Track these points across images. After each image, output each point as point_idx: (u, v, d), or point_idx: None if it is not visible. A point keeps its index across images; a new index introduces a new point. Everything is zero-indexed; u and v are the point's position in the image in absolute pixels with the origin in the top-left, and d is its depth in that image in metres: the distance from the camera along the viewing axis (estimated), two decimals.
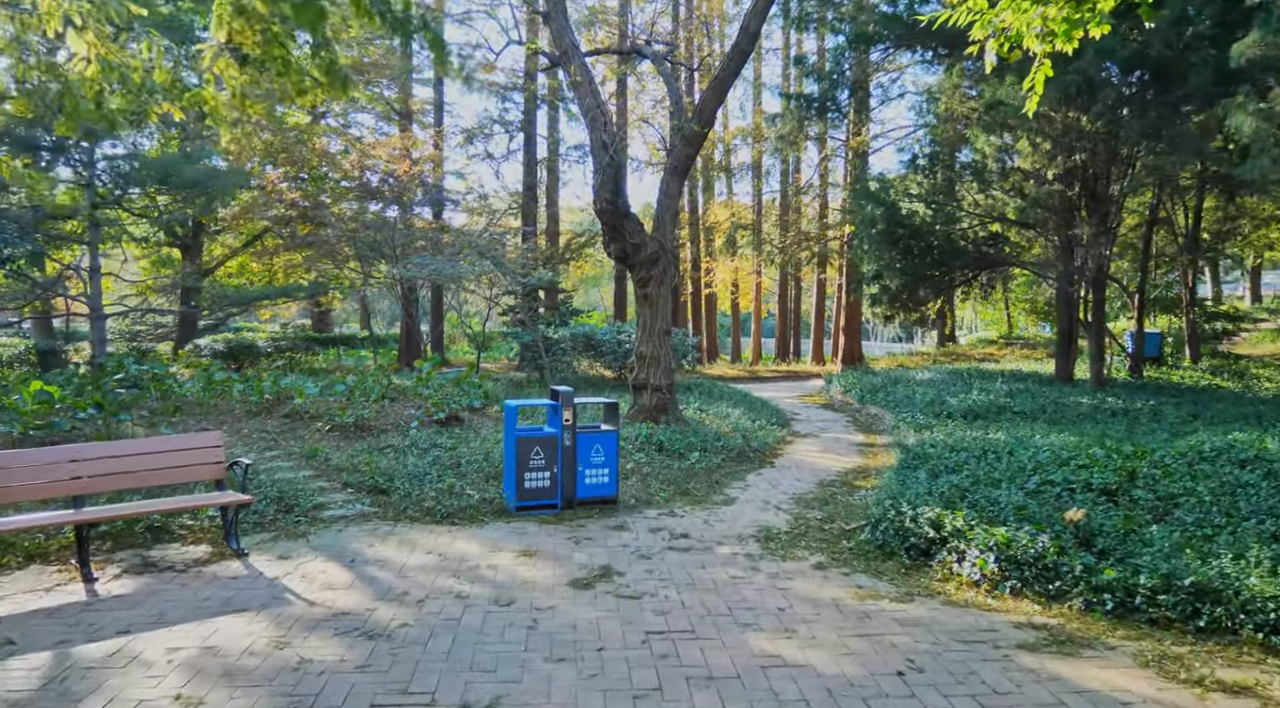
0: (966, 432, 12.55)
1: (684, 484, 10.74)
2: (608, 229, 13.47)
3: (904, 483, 9.37)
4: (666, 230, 13.93)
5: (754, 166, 26.98)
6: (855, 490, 10.74)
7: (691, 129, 13.48)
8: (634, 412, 13.84)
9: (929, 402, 15.73)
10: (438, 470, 10.40)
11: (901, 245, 18.31)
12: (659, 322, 13.76)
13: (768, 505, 9.83)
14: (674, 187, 13.98)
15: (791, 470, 12.05)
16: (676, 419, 13.73)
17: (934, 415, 14.43)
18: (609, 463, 9.58)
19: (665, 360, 13.77)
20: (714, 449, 12.53)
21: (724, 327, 58.64)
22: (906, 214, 18.86)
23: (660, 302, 13.76)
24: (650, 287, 13.70)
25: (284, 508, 8.83)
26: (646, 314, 13.79)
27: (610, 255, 13.94)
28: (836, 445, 14.32)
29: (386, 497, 9.53)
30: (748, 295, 42.32)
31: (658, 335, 13.73)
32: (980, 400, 15.35)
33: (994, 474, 9.01)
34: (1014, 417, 14.14)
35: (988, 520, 7.45)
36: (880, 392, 18.81)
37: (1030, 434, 11.82)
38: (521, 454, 9.18)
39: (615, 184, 13.08)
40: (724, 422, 14.70)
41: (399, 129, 27.96)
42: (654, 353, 13.72)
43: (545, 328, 19.66)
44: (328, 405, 13.19)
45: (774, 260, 27.09)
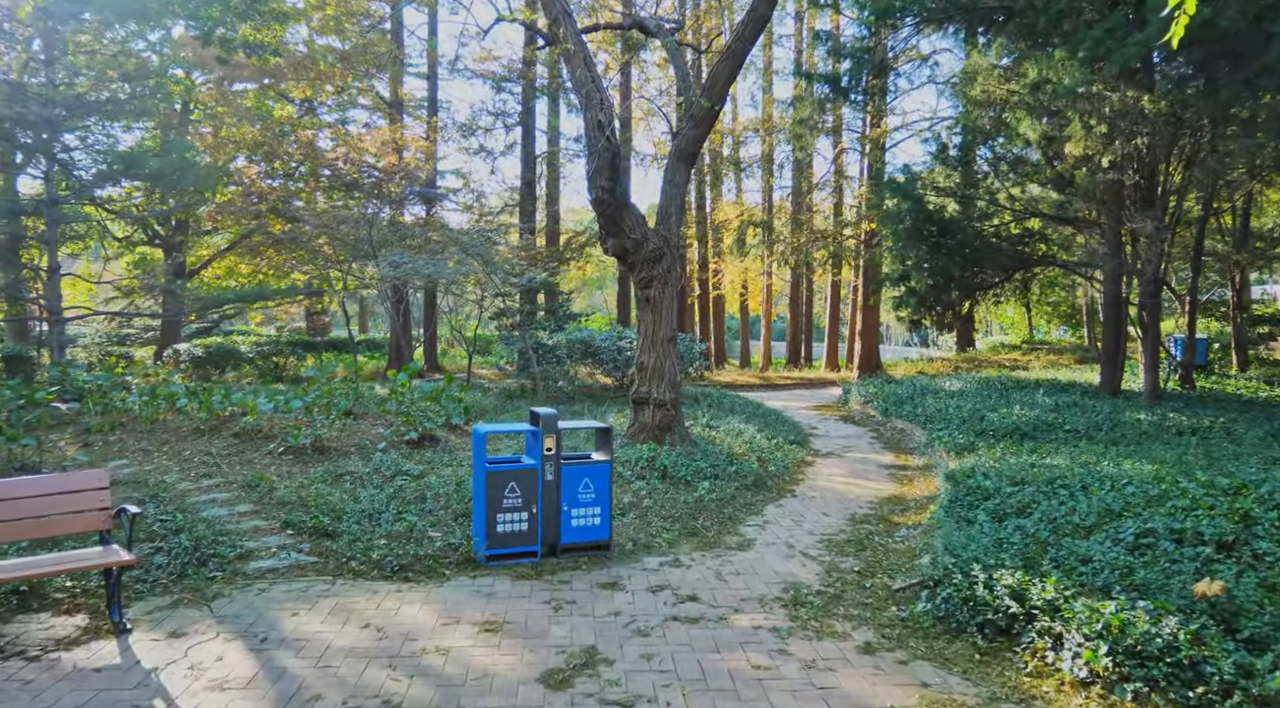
0: (1018, 456, 10.84)
1: (691, 521, 9.06)
2: (605, 222, 11.81)
3: (961, 528, 7.69)
4: (672, 224, 12.27)
5: (765, 160, 25.26)
6: (894, 528, 9.05)
7: (700, 106, 11.82)
8: (633, 430, 12.18)
9: (966, 417, 14.02)
10: (398, 506, 8.74)
11: (930, 243, 16.61)
12: (663, 328, 12.09)
13: (792, 551, 8.15)
14: (680, 173, 12.32)
15: (815, 501, 10.36)
16: (682, 439, 12.06)
17: (974, 434, 12.72)
18: (600, 501, 7.91)
19: (670, 372, 12.10)
20: (726, 476, 10.85)
21: (731, 330, 56.93)
22: (934, 209, 17.16)
23: (664, 305, 12.10)
24: (653, 288, 12.04)
25: (198, 560, 7.17)
26: (648, 319, 12.13)
27: (608, 252, 12.29)
28: (864, 468, 12.63)
29: (331, 541, 7.86)
30: (757, 298, 40.61)
31: (661, 343, 12.07)
32: (1025, 416, 13.63)
33: (1073, 518, 7.31)
34: (1067, 436, 12.43)
35: (1084, 588, 5.76)
36: (906, 404, 17.10)
37: (1094, 460, 10.12)
38: (493, 492, 7.52)
39: (612, 170, 11.43)
40: (736, 440, 13.02)
41: (389, 122, 26.35)
42: (657, 363, 12.06)
43: (540, 333, 18.00)
44: (284, 423, 11.54)
45: (787, 260, 25.42)
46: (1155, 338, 14.99)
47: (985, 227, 17.82)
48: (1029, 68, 14.00)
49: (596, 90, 11.49)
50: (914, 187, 16.46)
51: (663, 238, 12.08)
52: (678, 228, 12.41)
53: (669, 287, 12.15)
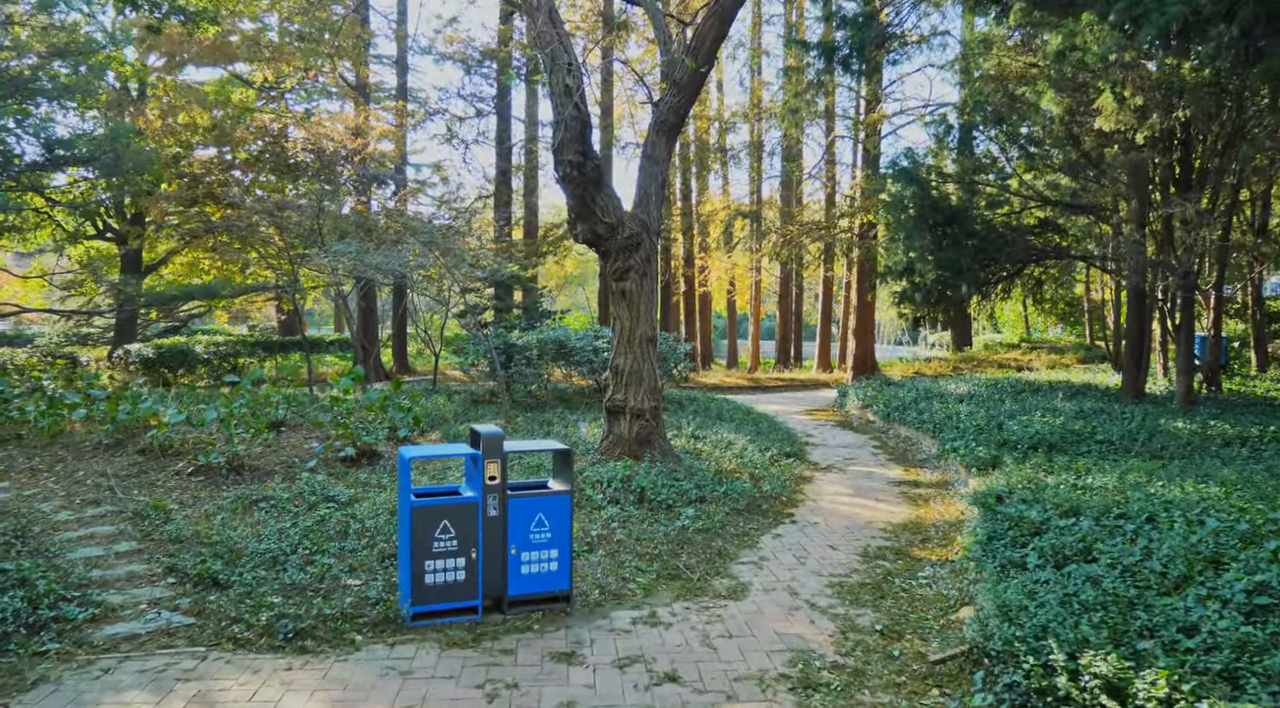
0: (1054, 474, 9.33)
1: (672, 559, 7.49)
2: (574, 203, 10.23)
3: (1008, 574, 6.15)
4: (651, 207, 10.70)
5: (753, 147, 23.70)
6: (917, 565, 7.52)
7: (685, 68, 10.25)
8: (607, 444, 10.60)
9: (982, 426, 12.51)
10: (313, 542, 7.14)
11: (936, 233, 15.09)
12: (641, 326, 10.52)
13: (796, 600, 6.60)
14: (661, 148, 10.75)
15: (819, 528, 8.82)
16: (664, 454, 10.49)
17: (996, 446, 11.20)
18: (558, 541, 6.33)
19: (649, 377, 10.53)
20: (714, 498, 9.29)
21: (718, 329, 55.39)
22: (940, 196, 15.65)
23: (643, 300, 10.53)
24: (630, 280, 10.47)
25: (31, 625, 5.55)
26: (625, 316, 10.56)
27: (577, 239, 10.70)
28: (870, 485, 11.10)
29: (219, 594, 6.25)
30: (745, 295, 39.10)
31: (639, 344, 10.49)
32: (1049, 425, 12.14)
33: (1152, 563, 5.78)
34: (1100, 449, 10.93)
35: (1203, 675, 4.23)
36: (910, 409, 15.59)
37: (1145, 479, 8.62)
38: (420, 532, 5.93)
39: (582, 142, 9.84)
40: (725, 453, 11.46)
41: (355, 109, 24.64)
42: (634, 367, 10.48)
43: (509, 332, 16.40)
44: (198, 438, 9.89)
45: (778, 254, 23.90)
46: (1189, 337, 13.54)
47: (995, 215, 16.33)
48: (1052, 36, 12.52)
49: (564, 50, 9.89)
50: (919, 171, 14.93)
51: (641, 223, 10.52)
52: (658, 212, 10.85)
53: (648, 279, 10.58)
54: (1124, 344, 23.30)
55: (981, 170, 15.93)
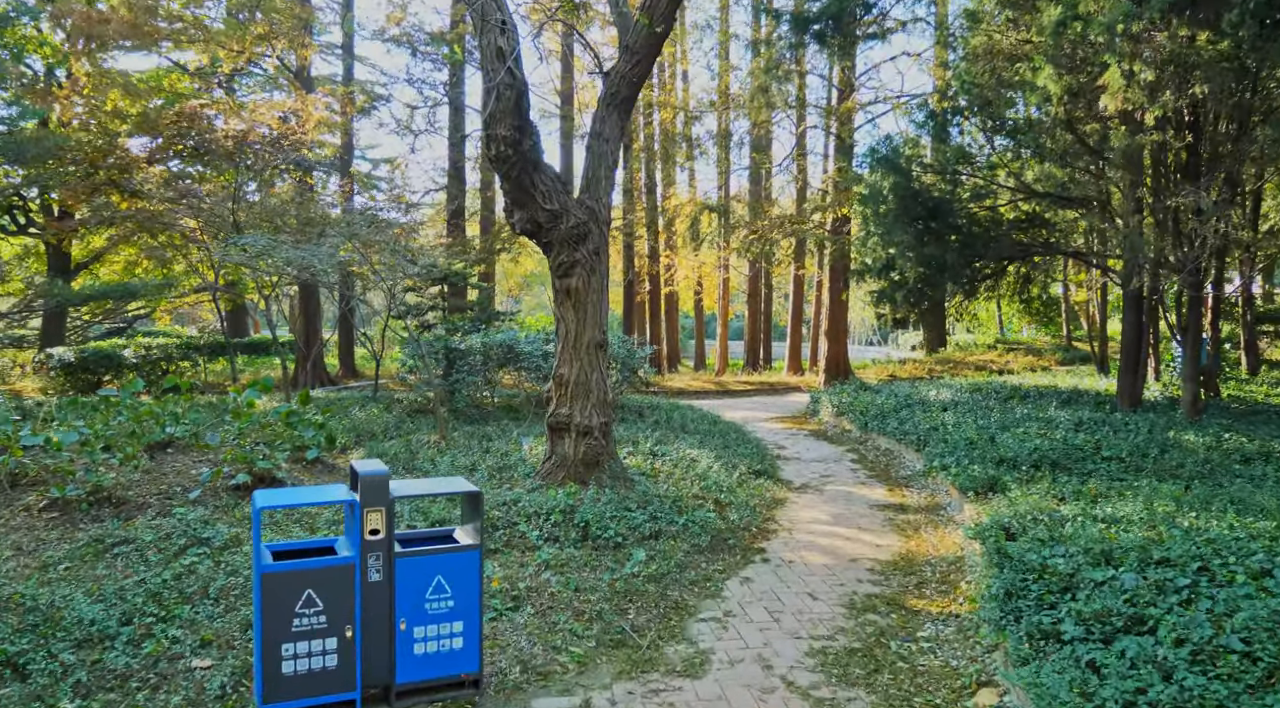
0: (1067, 502, 8.05)
1: (618, 617, 6.09)
2: (510, 186, 8.79)
3: (1041, 649, 4.83)
4: (601, 192, 9.29)
5: (721, 136, 22.38)
6: (915, 621, 6.18)
7: (638, 29, 8.85)
8: (549, 467, 9.16)
9: (974, 440, 11.23)
10: (163, 605, 5.66)
11: (918, 227, 13.82)
12: (589, 329, 9.10)
13: (769, 677, 5.23)
14: (612, 124, 9.33)
15: (796, 569, 7.46)
16: (615, 478, 9.07)
17: (992, 464, 9.91)
18: (464, 610, 4.91)
19: (598, 388, 9.12)
20: (672, 532, 7.90)
21: (686, 329, 54.04)
22: (922, 188, 14.39)
23: (591, 299, 9.11)
24: (575, 276, 9.04)
25: None
26: (570, 318, 9.13)
27: (514, 229, 9.26)
28: (851, 510, 9.76)
29: (23, 683, 4.76)
30: (713, 294, 37.80)
31: (586, 350, 9.07)
32: (1048, 439, 10.89)
33: (1230, 641, 4.47)
34: (1110, 467, 9.68)
35: None
36: (890, 418, 14.31)
37: (1174, 508, 7.36)
38: (276, 605, 4.49)
39: (519, 115, 8.40)
40: (687, 473, 10.08)
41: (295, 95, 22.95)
42: (580, 376, 9.06)
43: (453, 334, 14.89)
44: (59, 465, 8.31)
45: (748, 250, 22.57)
46: (1196, 340, 12.38)
47: (978, 208, 15.11)
48: (1047, 7, 11.30)
49: (495, 7, 8.45)
50: (899, 159, 13.64)
51: (588, 211, 9.10)
52: (608, 198, 9.44)
53: (597, 275, 9.16)
54: (1104, 347, 22.28)
55: (966, 159, 14.68)
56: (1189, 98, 9.99)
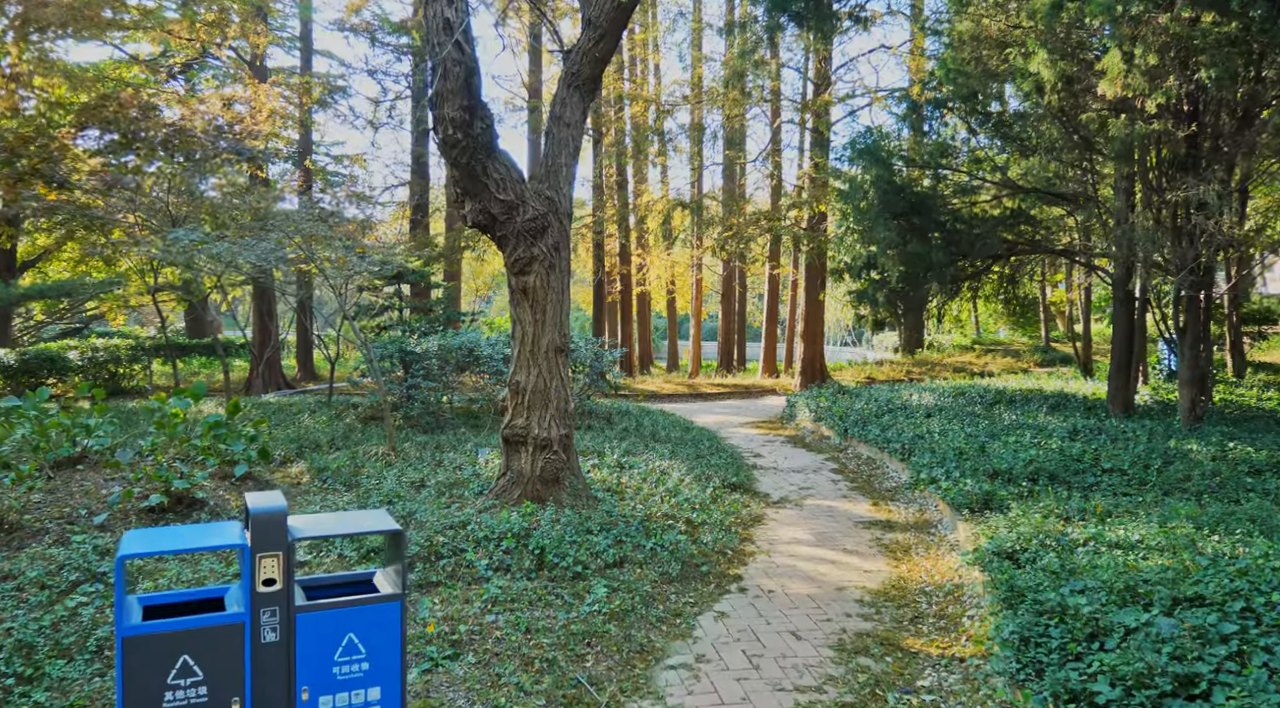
0: (1072, 520, 7.34)
1: (573, 666, 5.27)
2: (460, 175, 7.94)
3: None
4: (561, 181, 8.46)
5: (694, 129, 21.56)
6: (913, 663, 5.43)
7: (604, 2, 8.03)
8: (504, 484, 8.32)
9: (962, 449, 10.52)
10: (27, 664, 4.77)
11: (901, 224, 13.11)
12: (548, 332, 8.27)
13: None
14: (574, 107, 8.50)
15: (777, 602, 6.67)
16: (576, 495, 8.25)
17: (984, 477, 9.20)
18: (382, 674, 4.07)
19: (558, 397, 8.29)
20: (638, 558, 7.10)
21: (659, 330, 53.28)
22: (905, 182, 13.69)
23: (551, 299, 8.28)
24: (533, 274, 8.20)
25: None
26: (527, 319, 8.29)
27: (466, 221, 8.41)
28: (834, 527, 9.00)
29: None
30: (686, 295, 37.10)
31: (545, 355, 8.24)
32: (1043, 449, 10.21)
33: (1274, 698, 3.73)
34: (1112, 480, 9.00)
35: None
36: (871, 424, 13.60)
37: (1192, 530, 6.66)
38: (142, 675, 3.62)
39: (469, 95, 7.56)
40: (656, 488, 9.28)
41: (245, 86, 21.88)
42: (539, 384, 8.23)
43: (409, 336, 13.99)
44: None
45: (721, 247, 21.79)
46: (1195, 342, 11.76)
47: (961, 204, 14.45)
48: None
49: None
50: (881, 151, 12.91)
51: (548, 202, 8.27)
52: (570, 188, 8.61)
53: (557, 273, 8.33)
54: (1087, 349, 21.75)
55: (948, 153, 14.00)
56: (1193, 83, 9.32)
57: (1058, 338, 33.32)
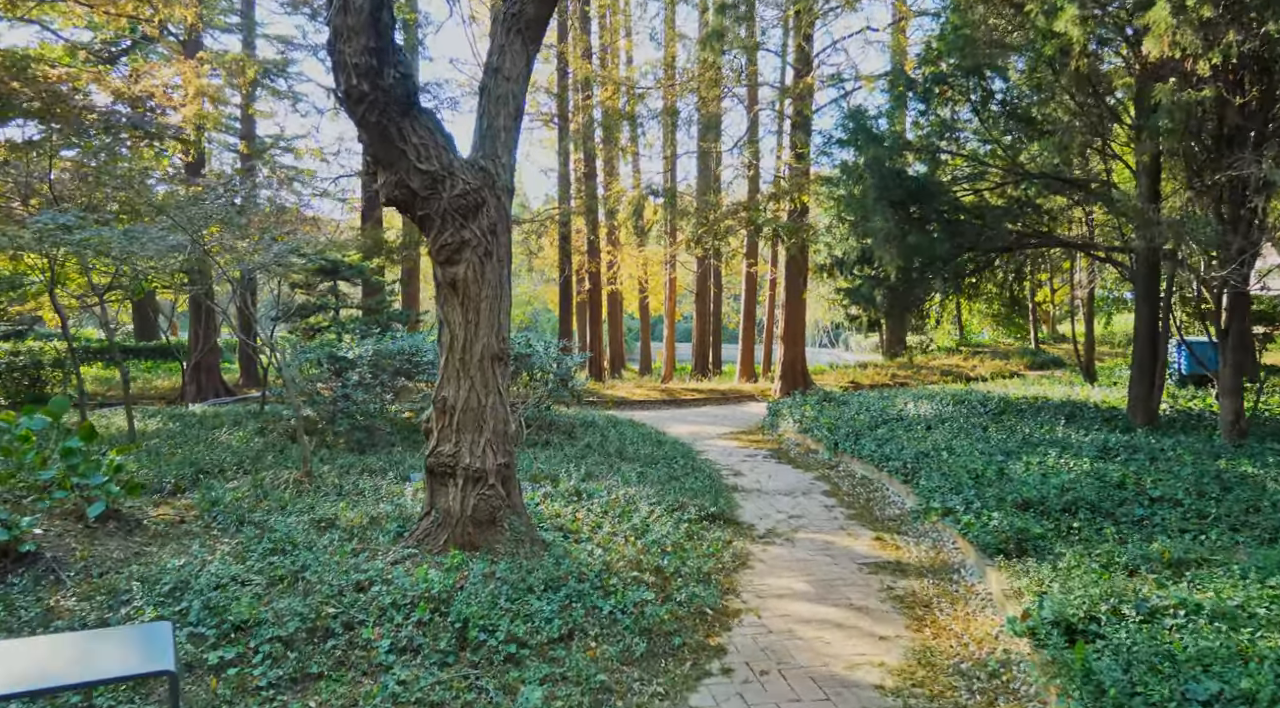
0: (1139, 575, 5.83)
1: None
2: (369, 135, 6.31)
3: None
4: (499, 148, 6.84)
5: (667, 113, 19.94)
6: None
7: None
8: (428, 526, 6.69)
9: (978, 471, 9.02)
10: None
11: (900, 213, 11.61)
12: (483, 336, 6.64)
13: None
14: (515, 56, 6.89)
15: (771, 689, 5.09)
16: (518, 539, 6.62)
17: (1010, 506, 7.69)
18: None
19: (495, 417, 6.67)
20: (592, 629, 5.50)
21: (632, 331, 51.63)
22: (902, 167, 12.21)
23: (486, 295, 6.66)
24: (463, 265, 6.58)
25: None
26: (456, 321, 6.66)
27: (380, 197, 6.78)
28: (835, 572, 7.44)
29: None
30: (659, 295, 35.50)
31: (480, 365, 6.62)
32: (1074, 471, 8.73)
33: None
34: (1166, 513, 7.51)
35: None
36: (865, 438, 12.09)
37: None
38: None
39: (376, 33, 5.94)
40: (620, 525, 7.68)
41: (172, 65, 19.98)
42: (472, 401, 6.60)
43: (344, 338, 12.29)
44: None
45: (697, 240, 20.18)
46: (1241, 344, 10.36)
47: (961, 192, 13.00)
48: None
49: None
50: (878, 131, 11.39)
51: (482, 174, 6.65)
52: (510, 157, 6.99)
53: (493, 262, 6.71)
54: (1090, 351, 20.44)
55: (950, 133, 12.53)
56: (1259, 38, 7.86)
57: (1046, 339, 32.13)
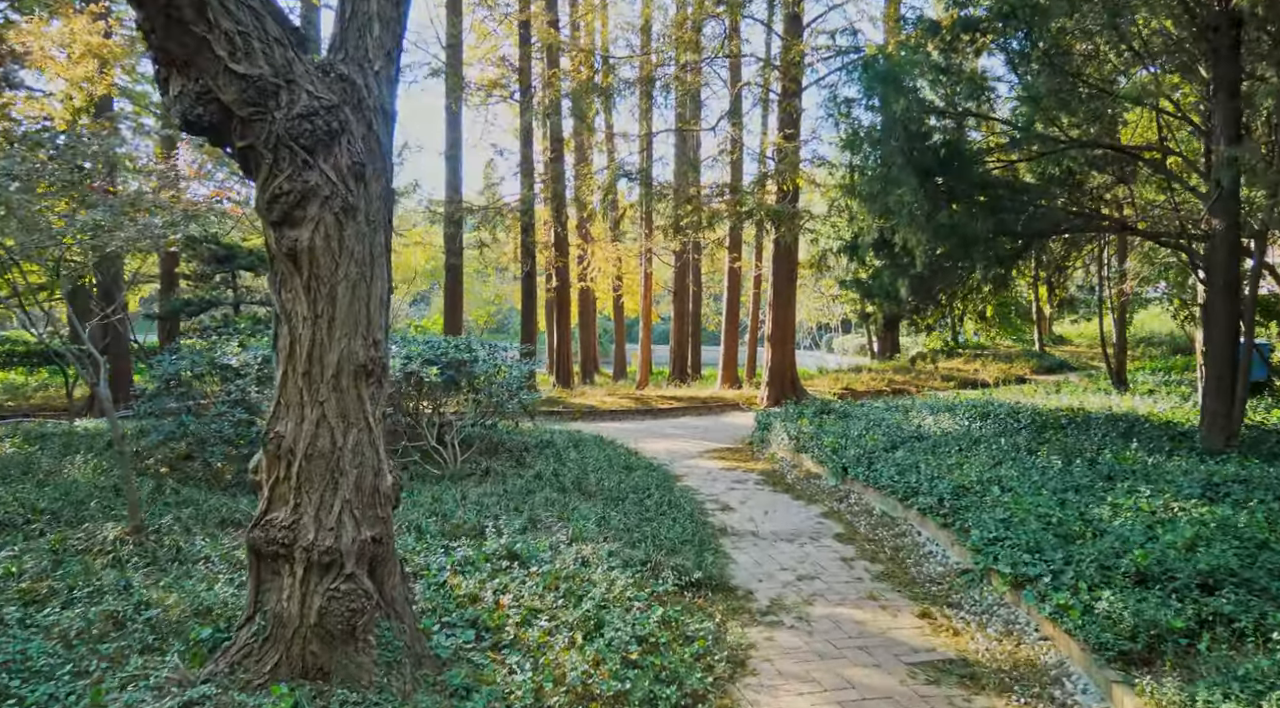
0: None
1: None
2: (151, 12, 3.90)
3: None
4: (370, 50, 4.46)
5: (643, 82, 17.52)
6: None
7: None
8: (246, 644, 4.25)
9: (1054, 518, 6.72)
10: None
11: (928, 187, 9.30)
12: (344, 338, 4.24)
13: None
14: None
15: None
16: (393, 663, 4.20)
17: (1124, 582, 5.41)
18: None
19: (360, 464, 4.26)
20: None
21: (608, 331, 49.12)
22: (927, 131, 9.92)
23: (346, 275, 4.25)
24: (307, 226, 4.17)
25: None
26: (300, 314, 4.25)
27: (174, 116, 4.39)
28: (877, 686, 5.08)
29: None
30: (635, 294, 33.11)
31: (335, 384, 4.21)
32: (1196, 523, 6.43)
33: None
34: None
35: None
36: (881, 463, 9.79)
37: None
38: None
39: None
40: (569, 611, 5.31)
41: None
42: (323, 439, 4.18)
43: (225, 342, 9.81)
44: None
45: (675, 228, 17.78)
46: None
47: (993, 163, 10.74)
48: None
49: None
50: (904, 77, 9.06)
51: (343, 86, 4.27)
52: (391, 66, 4.60)
53: (357, 224, 4.30)
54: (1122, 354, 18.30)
55: (982, 93, 10.26)
56: None
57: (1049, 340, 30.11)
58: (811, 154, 17.31)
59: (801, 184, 17.41)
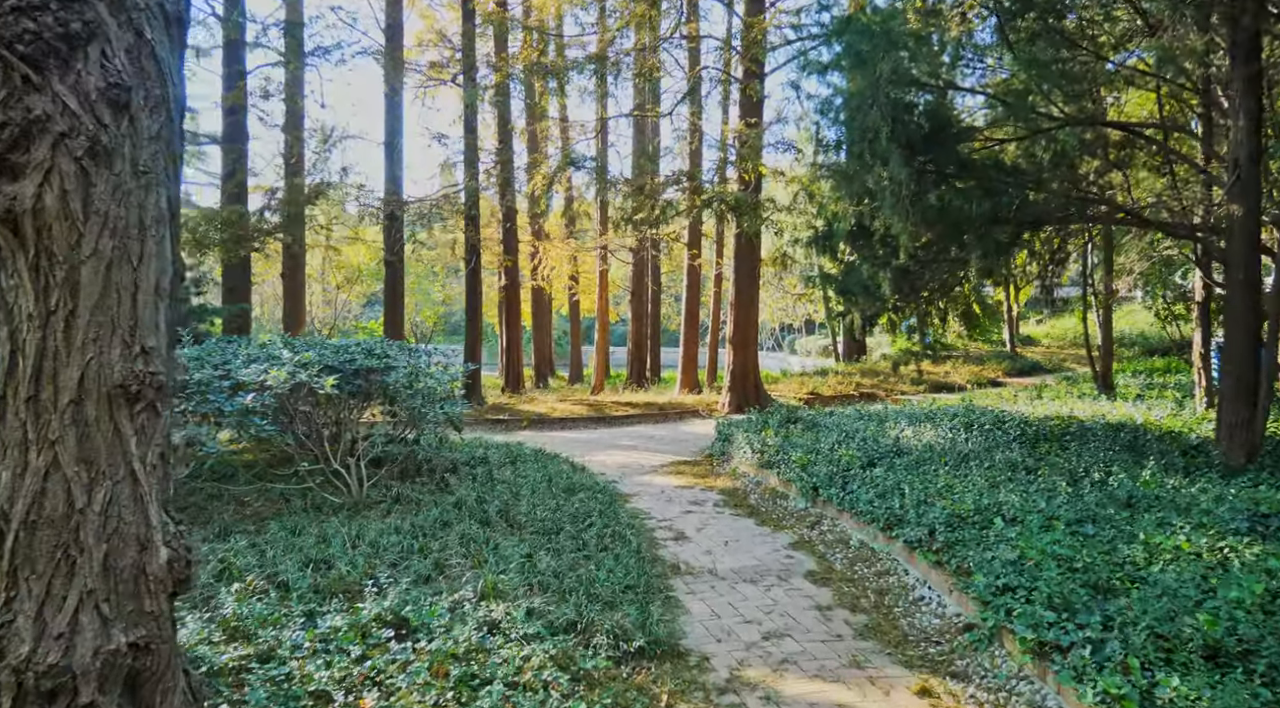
0: None
1: None
2: None
3: None
4: None
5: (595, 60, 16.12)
6: None
7: None
8: None
9: (1080, 562, 5.48)
10: None
11: (913, 166, 8.04)
12: (94, 344, 2.85)
13: None
14: None
15: None
16: None
17: (1190, 657, 4.17)
18: None
19: (114, 534, 2.86)
20: None
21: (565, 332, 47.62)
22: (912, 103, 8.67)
23: (97, 250, 2.85)
24: (31, 178, 2.76)
25: None
26: (23, 311, 2.85)
27: None
28: None
29: None
30: (591, 294, 31.73)
31: (76, 413, 2.81)
32: (1254, 572, 5.22)
33: None
34: None
35: None
36: (858, 483, 8.55)
37: None
38: None
39: None
40: None
41: None
42: (55, 497, 2.78)
43: None
44: None
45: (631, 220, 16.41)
46: None
47: (980, 143, 9.53)
48: None
49: None
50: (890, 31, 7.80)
51: None
52: None
53: (114, 175, 2.89)
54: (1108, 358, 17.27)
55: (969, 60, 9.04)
56: None
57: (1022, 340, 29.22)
58: (776, 139, 16.09)
59: (765, 172, 16.17)
